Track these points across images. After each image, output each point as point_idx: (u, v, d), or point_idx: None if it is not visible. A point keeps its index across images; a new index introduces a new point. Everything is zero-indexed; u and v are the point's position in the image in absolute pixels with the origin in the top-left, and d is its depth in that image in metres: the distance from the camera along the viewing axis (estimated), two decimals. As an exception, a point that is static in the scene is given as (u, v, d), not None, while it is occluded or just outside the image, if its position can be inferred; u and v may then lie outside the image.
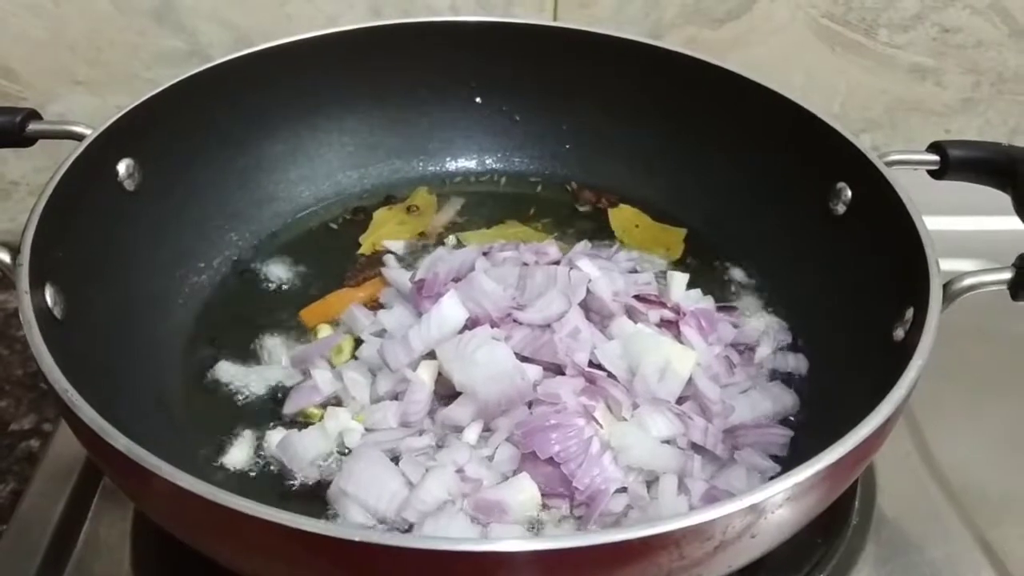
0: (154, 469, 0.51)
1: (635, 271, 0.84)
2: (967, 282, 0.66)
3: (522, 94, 0.94)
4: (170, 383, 0.75)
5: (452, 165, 0.98)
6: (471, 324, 0.73)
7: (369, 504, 0.64)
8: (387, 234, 0.91)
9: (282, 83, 0.88)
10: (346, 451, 0.70)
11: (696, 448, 0.68)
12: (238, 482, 0.69)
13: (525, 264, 0.81)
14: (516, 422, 0.68)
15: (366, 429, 0.71)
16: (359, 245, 0.90)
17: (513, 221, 0.93)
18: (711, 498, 0.65)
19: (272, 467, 0.70)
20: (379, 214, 0.93)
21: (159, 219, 0.81)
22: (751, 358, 0.77)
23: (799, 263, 0.83)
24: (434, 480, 0.64)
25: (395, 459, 0.68)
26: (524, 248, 0.84)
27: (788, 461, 0.69)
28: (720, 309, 0.81)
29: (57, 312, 0.65)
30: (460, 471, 0.66)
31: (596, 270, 0.78)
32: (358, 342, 0.78)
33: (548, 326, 0.74)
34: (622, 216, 0.93)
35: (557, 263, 0.80)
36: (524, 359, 0.71)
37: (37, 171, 1.04)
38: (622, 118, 0.93)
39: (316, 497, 0.68)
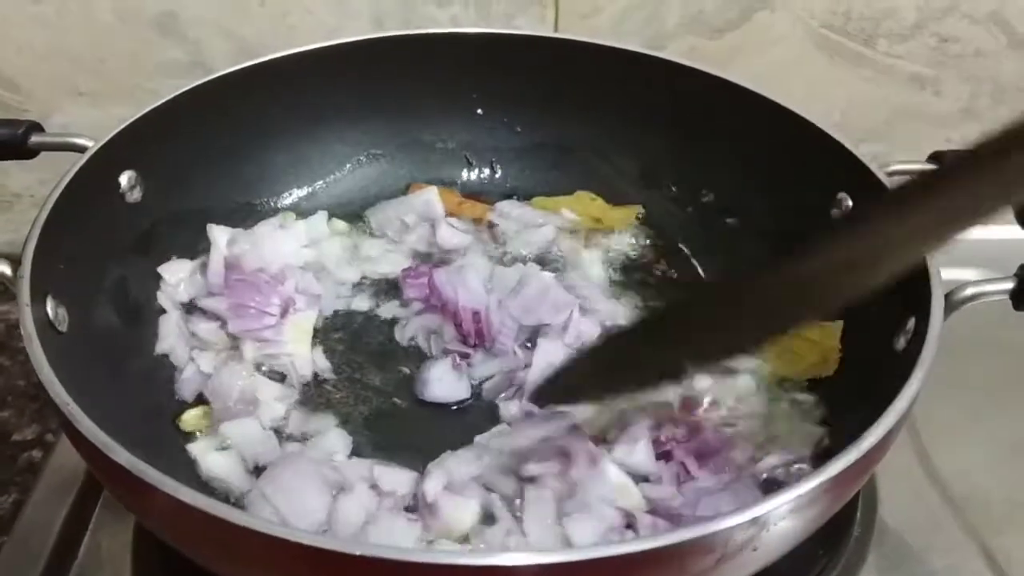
0: (155, 483, 0.51)
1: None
2: (969, 292, 0.66)
3: (524, 105, 0.94)
4: (172, 396, 0.75)
5: (454, 176, 0.98)
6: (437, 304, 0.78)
7: (289, 519, 0.63)
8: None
9: (284, 94, 0.88)
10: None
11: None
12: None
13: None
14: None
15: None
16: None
17: (585, 192, 0.94)
18: None
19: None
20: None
21: (161, 230, 0.81)
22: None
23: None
24: (350, 503, 0.64)
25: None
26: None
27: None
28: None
29: (58, 324, 0.65)
30: (374, 487, 0.65)
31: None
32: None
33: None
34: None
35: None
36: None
37: (40, 183, 1.04)
38: (624, 128, 0.93)
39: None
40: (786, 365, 0.76)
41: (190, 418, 0.73)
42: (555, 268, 0.87)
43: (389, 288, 0.85)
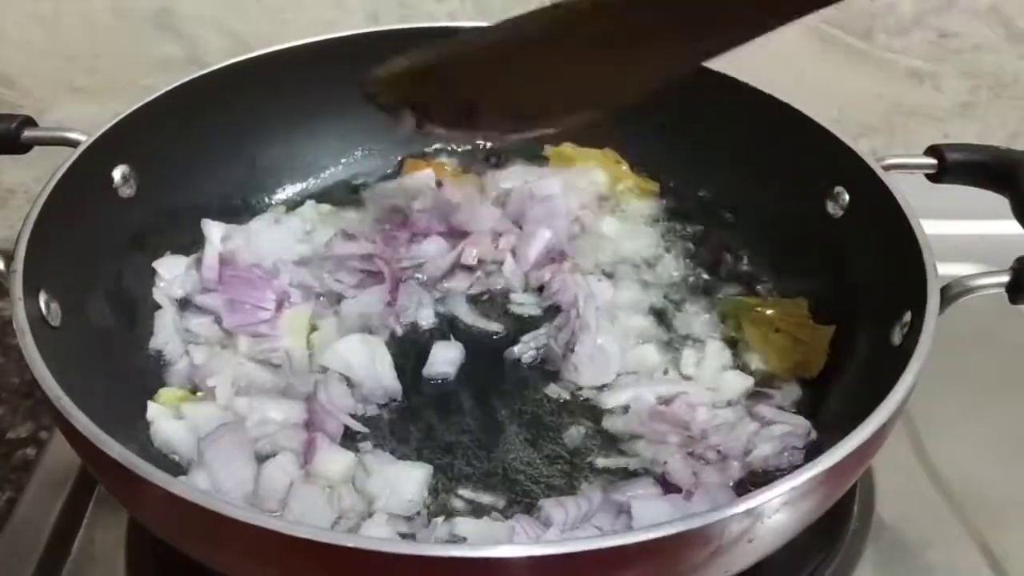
0: (148, 476, 0.51)
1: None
2: (965, 285, 0.66)
3: (520, 100, 0.94)
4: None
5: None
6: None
7: (223, 488, 0.64)
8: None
9: (279, 89, 0.88)
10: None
11: None
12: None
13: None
14: None
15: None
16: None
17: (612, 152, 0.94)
18: None
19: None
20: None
21: (154, 226, 0.81)
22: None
23: (796, 266, 0.83)
24: (274, 467, 0.65)
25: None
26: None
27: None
28: None
29: (51, 319, 0.65)
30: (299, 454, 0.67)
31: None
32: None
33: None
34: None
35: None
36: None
37: (35, 180, 1.04)
38: (619, 123, 0.92)
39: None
40: (771, 362, 0.77)
41: (166, 395, 0.72)
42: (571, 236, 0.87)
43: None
